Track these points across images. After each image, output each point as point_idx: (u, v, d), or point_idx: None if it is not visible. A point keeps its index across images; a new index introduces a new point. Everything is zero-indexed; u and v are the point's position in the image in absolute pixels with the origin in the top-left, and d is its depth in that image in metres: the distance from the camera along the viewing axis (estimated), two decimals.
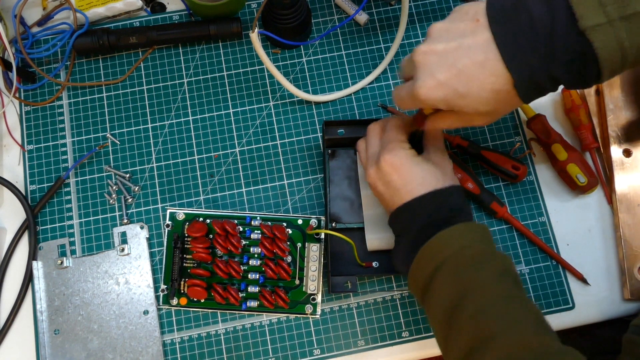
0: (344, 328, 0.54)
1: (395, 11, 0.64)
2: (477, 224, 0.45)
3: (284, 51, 0.62)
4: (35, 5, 0.63)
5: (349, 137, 0.56)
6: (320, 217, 0.55)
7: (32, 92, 0.61)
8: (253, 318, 0.54)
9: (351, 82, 0.61)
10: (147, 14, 0.64)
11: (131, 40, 0.60)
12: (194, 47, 0.62)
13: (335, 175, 0.57)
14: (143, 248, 0.56)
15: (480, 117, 0.42)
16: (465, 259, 0.41)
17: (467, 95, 0.39)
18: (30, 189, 0.58)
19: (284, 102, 0.61)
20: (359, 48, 0.62)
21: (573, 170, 0.55)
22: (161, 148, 0.59)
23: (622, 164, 0.57)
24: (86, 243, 0.56)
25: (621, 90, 0.58)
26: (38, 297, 0.54)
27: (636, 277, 0.54)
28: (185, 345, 0.54)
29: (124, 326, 0.54)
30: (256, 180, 0.58)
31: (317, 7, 0.64)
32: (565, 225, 0.57)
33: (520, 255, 0.56)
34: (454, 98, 0.39)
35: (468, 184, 0.55)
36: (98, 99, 0.61)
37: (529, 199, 0.57)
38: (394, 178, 0.46)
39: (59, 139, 0.59)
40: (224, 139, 0.59)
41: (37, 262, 0.55)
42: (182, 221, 0.55)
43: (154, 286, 0.55)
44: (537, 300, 0.55)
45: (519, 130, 0.59)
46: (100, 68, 0.62)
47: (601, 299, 0.55)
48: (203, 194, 0.58)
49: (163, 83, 0.61)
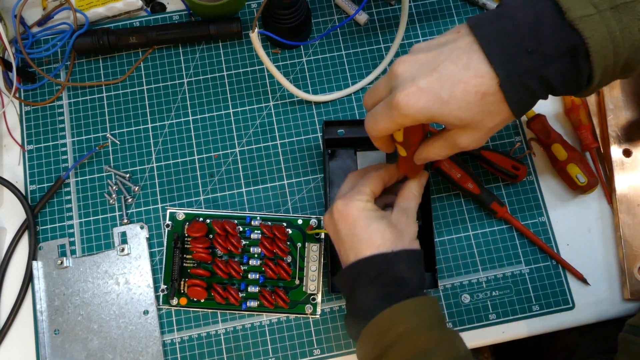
0: (344, 328, 0.54)
1: (395, 11, 0.64)
2: (424, 298, 0.41)
3: (284, 51, 0.62)
4: (35, 5, 0.63)
5: (349, 137, 0.56)
6: (320, 217, 0.55)
7: (32, 92, 0.61)
8: (253, 318, 0.54)
9: (351, 82, 0.61)
10: (147, 14, 0.64)
11: (131, 40, 0.60)
12: (194, 47, 0.62)
13: (335, 175, 0.57)
14: (143, 248, 0.56)
15: (466, 134, 0.39)
16: (408, 350, 0.38)
17: (450, 101, 0.36)
18: (30, 189, 0.58)
19: (284, 102, 0.61)
20: (359, 48, 0.62)
21: (573, 170, 0.55)
22: (161, 148, 0.59)
23: (622, 164, 0.57)
24: (86, 243, 0.56)
25: (621, 90, 0.58)
26: (38, 297, 0.54)
27: (636, 277, 0.54)
28: (185, 345, 0.54)
29: (124, 326, 0.54)
30: (256, 180, 0.58)
31: (317, 7, 0.64)
32: (565, 225, 0.57)
33: (520, 255, 0.56)
34: (436, 105, 0.36)
35: (468, 184, 0.55)
36: (98, 99, 0.61)
37: (529, 199, 0.57)
38: (341, 228, 0.43)
39: (59, 139, 0.59)
40: (224, 139, 0.59)
41: (37, 262, 0.55)
42: (182, 221, 0.55)
43: (154, 286, 0.55)
44: (537, 300, 0.55)
45: (519, 130, 0.59)
46: (100, 68, 0.62)
47: (601, 299, 0.55)
48: (203, 194, 0.58)
49: (163, 83, 0.61)
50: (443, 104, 0.36)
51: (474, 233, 0.56)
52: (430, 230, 0.53)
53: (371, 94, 0.42)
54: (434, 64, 0.37)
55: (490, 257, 0.56)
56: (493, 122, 0.38)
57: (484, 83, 0.35)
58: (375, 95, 0.41)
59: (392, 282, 0.41)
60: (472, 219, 0.57)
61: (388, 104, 0.38)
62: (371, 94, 0.42)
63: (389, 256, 0.41)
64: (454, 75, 0.36)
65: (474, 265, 0.56)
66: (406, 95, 0.37)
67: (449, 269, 0.55)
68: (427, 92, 0.36)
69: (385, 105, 0.39)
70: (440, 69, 0.36)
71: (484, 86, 0.35)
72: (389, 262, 0.41)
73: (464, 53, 0.36)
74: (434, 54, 0.37)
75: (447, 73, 0.36)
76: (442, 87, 0.36)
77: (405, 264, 0.42)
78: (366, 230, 0.42)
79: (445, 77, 0.36)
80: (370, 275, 0.41)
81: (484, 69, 0.35)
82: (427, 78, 0.36)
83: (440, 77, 0.36)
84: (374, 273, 0.41)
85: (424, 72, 0.37)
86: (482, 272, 0.55)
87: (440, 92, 0.36)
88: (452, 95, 0.36)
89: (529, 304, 0.55)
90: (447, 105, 0.36)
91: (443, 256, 0.56)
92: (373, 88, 0.41)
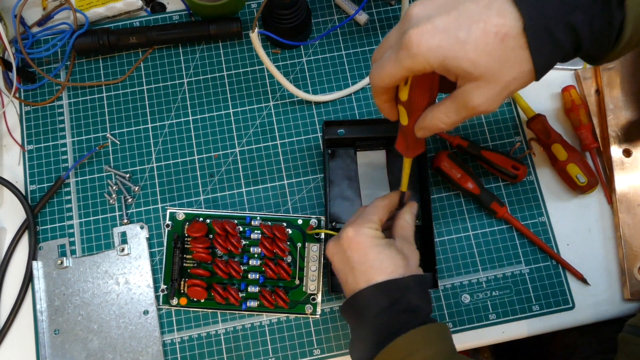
0: (344, 328, 0.54)
1: (395, 11, 0.64)
2: (436, 325, 0.40)
3: (284, 51, 0.62)
4: (35, 5, 0.63)
5: (349, 137, 0.56)
6: (320, 217, 0.55)
7: (32, 92, 0.61)
8: (253, 318, 0.54)
9: (351, 82, 0.61)
10: (147, 14, 0.64)
11: (131, 40, 0.60)
12: (194, 47, 0.62)
13: (335, 175, 0.57)
14: (143, 248, 0.56)
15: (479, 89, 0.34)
16: None
17: (466, 40, 0.33)
18: (30, 189, 0.58)
19: (284, 102, 0.61)
20: (359, 48, 0.62)
21: (573, 170, 0.55)
22: (161, 148, 0.59)
23: (622, 164, 0.57)
24: (86, 243, 0.56)
25: (621, 90, 0.58)
26: (38, 297, 0.54)
27: (636, 277, 0.54)
28: (185, 345, 0.54)
29: (124, 326, 0.54)
30: (256, 180, 0.58)
31: (317, 7, 0.64)
32: (565, 225, 0.57)
33: (520, 255, 0.56)
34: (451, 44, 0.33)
35: (468, 184, 0.55)
36: (98, 99, 0.61)
37: (529, 199, 0.57)
38: (351, 255, 0.42)
39: (59, 139, 0.59)
40: (224, 139, 0.59)
41: (37, 262, 0.55)
42: (182, 221, 0.55)
43: (154, 286, 0.55)
44: (537, 300, 0.55)
45: (519, 130, 0.59)
46: (100, 68, 0.62)
47: (601, 299, 0.55)
48: (203, 194, 0.58)
49: (163, 83, 0.61)
50: (459, 44, 0.33)
51: (474, 233, 0.56)
52: (430, 230, 0.53)
53: (380, 46, 0.38)
54: (455, 3, 0.34)
55: (490, 257, 0.56)
56: (510, 74, 0.34)
57: (505, 24, 0.32)
58: (384, 46, 0.38)
59: (405, 309, 0.40)
60: (472, 219, 0.57)
61: (398, 44, 0.35)
62: (380, 46, 0.38)
63: (400, 282, 0.41)
64: (474, 13, 0.33)
65: (474, 265, 0.56)
66: (419, 33, 0.33)
67: (449, 269, 0.55)
68: (442, 30, 0.33)
69: (394, 47, 0.35)
70: (460, 8, 0.33)
71: (505, 27, 0.32)
72: (400, 288, 0.41)
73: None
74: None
75: (467, 12, 0.33)
76: (460, 25, 0.33)
77: (416, 290, 0.41)
78: (378, 257, 0.42)
79: (464, 15, 0.33)
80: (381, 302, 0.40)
81: (508, 8, 0.32)
82: (445, 16, 0.33)
83: (458, 15, 0.33)
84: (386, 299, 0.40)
85: (442, 12, 0.34)
86: (482, 272, 0.55)
87: (457, 31, 0.33)
88: (469, 35, 0.33)
89: (529, 304, 0.54)
90: (463, 46, 0.33)
91: (443, 256, 0.56)
92: (383, 40, 0.38)
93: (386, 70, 0.36)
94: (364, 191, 0.56)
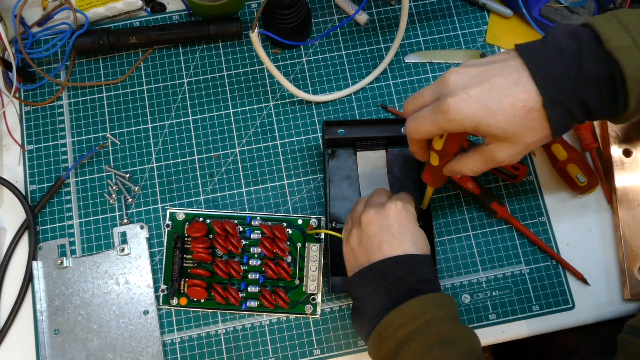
0: (344, 328, 0.54)
1: (395, 11, 0.64)
2: (446, 295, 0.44)
3: (284, 51, 0.62)
4: (35, 5, 0.63)
5: (349, 137, 0.56)
6: (320, 217, 0.55)
7: (32, 92, 0.61)
8: (253, 318, 0.54)
9: (351, 82, 0.61)
10: (147, 14, 0.64)
11: (131, 40, 0.60)
12: (194, 47, 0.62)
13: (335, 175, 0.57)
14: (143, 248, 0.56)
15: (505, 147, 0.41)
16: (434, 337, 0.41)
17: (497, 111, 0.39)
18: (30, 189, 0.58)
19: (284, 102, 0.61)
20: (359, 48, 0.62)
21: (573, 170, 0.55)
22: (161, 148, 0.59)
23: (622, 164, 0.57)
24: (86, 243, 0.56)
25: None
26: (38, 297, 0.54)
27: (636, 277, 0.54)
28: (185, 345, 0.54)
29: (124, 326, 0.54)
30: (256, 180, 0.58)
31: (317, 7, 0.64)
32: (565, 225, 0.57)
33: (520, 255, 0.56)
34: (484, 114, 0.39)
35: (468, 184, 0.55)
36: (98, 99, 0.61)
37: (529, 199, 0.57)
38: (394, 224, 0.46)
39: (59, 139, 0.59)
40: (224, 139, 0.59)
41: (37, 262, 0.55)
42: (182, 221, 0.55)
43: (154, 286, 0.55)
44: (537, 300, 0.55)
45: None
46: (100, 68, 0.62)
47: (601, 299, 0.55)
48: (203, 194, 0.58)
49: (163, 83, 0.61)
50: (490, 113, 0.39)
51: (474, 233, 0.56)
52: (430, 230, 0.53)
53: (414, 99, 0.44)
54: (486, 76, 0.39)
55: (490, 257, 0.56)
56: (532, 138, 0.40)
57: (530, 99, 0.38)
58: (418, 101, 0.44)
59: (421, 280, 0.44)
60: (472, 219, 0.57)
61: (436, 108, 0.41)
62: (414, 100, 0.44)
63: (422, 258, 0.46)
64: (504, 88, 0.39)
65: (474, 265, 0.56)
66: (457, 101, 0.39)
67: (449, 269, 0.55)
68: (476, 100, 0.39)
69: (433, 109, 0.41)
70: (491, 81, 0.39)
71: (530, 102, 0.38)
72: (420, 263, 0.45)
73: (514, 71, 0.39)
74: (485, 69, 0.40)
75: (497, 86, 0.39)
76: (492, 97, 0.39)
77: (430, 267, 0.46)
78: (417, 232, 0.47)
79: (495, 89, 0.39)
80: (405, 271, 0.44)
81: (531, 87, 0.38)
82: (478, 88, 0.39)
83: (490, 88, 0.39)
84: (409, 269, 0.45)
85: (476, 83, 0.39)
86: (482, 272, 0.55)
87: (489, 102, 0.39)
88: (500, 106, 0.39)
89: (529, 304, 0.55)
90: (494, 115, 0.39)
91: (443, 256, 0.56)
92: (417, 94, 0.44)
93: (424, 127, 0.42)
94: (364, 191, 0.56)
